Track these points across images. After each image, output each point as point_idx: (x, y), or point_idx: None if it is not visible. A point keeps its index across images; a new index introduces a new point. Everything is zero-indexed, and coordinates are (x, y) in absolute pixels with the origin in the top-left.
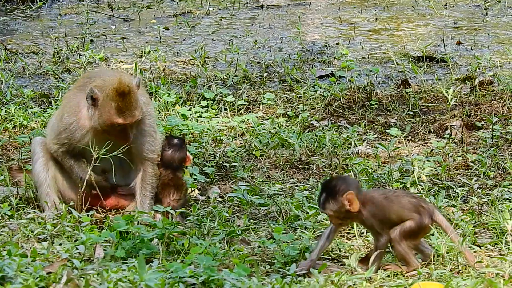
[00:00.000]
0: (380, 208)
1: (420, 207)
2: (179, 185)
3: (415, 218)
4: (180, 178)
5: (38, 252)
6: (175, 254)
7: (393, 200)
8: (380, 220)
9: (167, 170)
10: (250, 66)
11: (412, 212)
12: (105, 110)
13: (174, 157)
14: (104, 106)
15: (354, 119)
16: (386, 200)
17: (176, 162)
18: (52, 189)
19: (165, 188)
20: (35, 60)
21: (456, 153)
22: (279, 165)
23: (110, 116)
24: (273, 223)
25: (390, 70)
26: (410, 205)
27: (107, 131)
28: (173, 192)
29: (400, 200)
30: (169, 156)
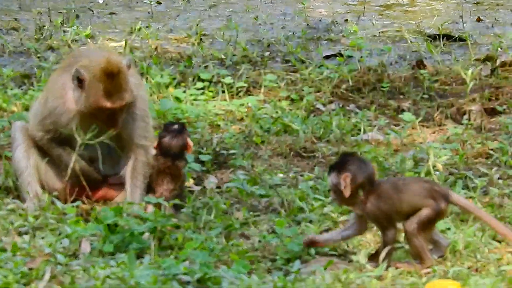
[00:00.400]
0: (387, 201)
1: (434, 191)
2: (176, 175)
3: (430, 204)
4: (179, 168)
5: (18, 246)
6: (168, 249)
7: (402, 189)
8: (387, 213)
9: (167, 158)
10: (251, 44)
11: (426, 198)
12: (92, 93)
13: (171, 144)
14: (91, 88)
15: (364, 103)
16: (394, 190)
17: (174, 149)
18: (34, 178)
19: (160, 176)
20: (15, 37)
21: (475, 140)
22: (282, 153)
23: (97, 99)
24: (275, 216)
25: (403, 50)
26: (423, 191)
27: (94, 115)
28: (168, 181)
29: (411, 187)
30: (166, 142)
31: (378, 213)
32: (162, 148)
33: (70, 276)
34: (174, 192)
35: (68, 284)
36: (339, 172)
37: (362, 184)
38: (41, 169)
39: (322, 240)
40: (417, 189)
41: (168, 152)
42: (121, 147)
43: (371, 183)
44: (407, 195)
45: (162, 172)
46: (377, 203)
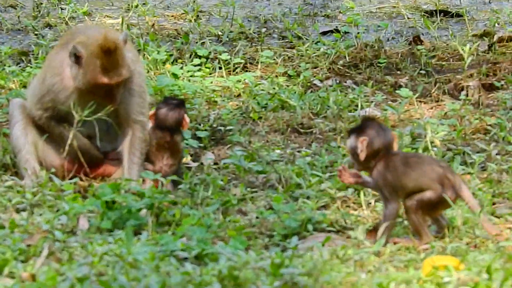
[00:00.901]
0: (394, 173)
1: (445, 179)
2: (175, 151)
3: (436, 189)
4: (177, 143)
5: (16, 223)
6: (166, 225)
7: (412, 166)
8: (391, 186)
9: (164, 132)
10: (247, 21)
11: (434, 182)
12: (90, 69)
13: (167, 116)
14: (88, 64)
15: (361, 79)
16: (404, 165)
17: (170, 122)
18: (32, 155)
19: (159, 150)
20: (13, 14)
21: (472, 116)
22: (279, 129)
23: (95, 75)
24: (272, 192)
25: (400, 26)
26: (433, 174)
27: (92, 91)
28: (168, 157)
29: (423, 167)
30: (163, 114)
31: (381, 182)
32: (158, 120)
33: (68, 253)
34: (173, 167)
35: (66, 260)
36: (357, 136)
37: (378, 150)
38: (39, 146)
39: (361, 180)
40: (427, 170)
41: (164, 125)
42: (119, 123)
43: (388, 151)
44: (416, 173)
45: (162, 147)
46: (383, 172)
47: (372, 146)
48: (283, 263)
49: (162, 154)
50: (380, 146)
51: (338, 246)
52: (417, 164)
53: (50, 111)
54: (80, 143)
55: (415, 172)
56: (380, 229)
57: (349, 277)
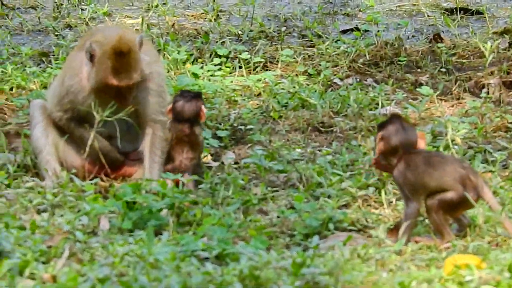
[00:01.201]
0: (415, 172)
1: (467, 179)
2: (195, 143)
3: (458, 189)
4: (196, 135)
5: (37, 224)
6: (187, 225)
7: (435, 165)
8: (412, 185)
9: (183, 124)
10: (267, 20)
11: (456, 182)
12: (101, 69)
13: (184, 108)
14: (100, 63)
15: (381, 77)
16: (426, 164)
17: (187, 114)
18: (53, 156)
19: (179, 144)
20: (33, 15)
21: (493, 113)
22: (299, 127)
23: (105, 76)
24: (293, 191)
25: (420, 23)
26: (456, 175)
27: (104, 91)
28: (188, 150)
29: (445, 167)
30: (180, 106)
31: (402, 181)
32: (175, 113)
33: (89, 254)
34: (194, 161)
35: (87, 261)
36: (378, 131)
37: (396, 148)
38: (60, 147)
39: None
40: (450, 171)
41: (182, 117)
42: (139, 123)
43: (409, 149)
44: (438, 172)
45: (181, 140)
46: (404, 171)
47: (389, 143)
48: (304, 262)
49: (182, 148)
50: (397, 144)
51: (359, 245)
52: (439, 163)
53: (70, 112)
54: (101, 144)
55: (437, 172)
56: (401, 228)
57: (371, 276)
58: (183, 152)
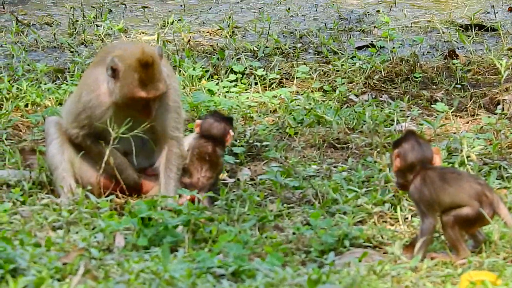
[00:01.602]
0: (431, 188)
1: (484, 196)
2: (215, 163)
3: (474, 206)
4: (218, 155)
5: (53, 241)
6: (202, 242)
7: (450, 181)
8: (428, 201)
9: (207, 141)
10: (283, 36)
11: (472, 199)
12: (127, 82)
13: (212, 126)
14: (125, 77)
15: (397, 94)
16: (441, 180)
17: (214, 132)
18: (68, 172)
19: (199, 161)
20: (48, 32)
21: (508, 130)
22: (315, 144)
23: (132, 89)
24: (309, 208)
25: (435, 40)
26: (471, 191)
27: (128, 106)
28: (207, 169)
29: (461, 183)
30: (208, 124)
31: (418, 197)
32: (203, 129)
33: (104, 271)
34: (211, 180)
35: (102, 278)
36: (393, 148)
37: (412, 165)
38: (75, 164)
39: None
40: (466, 187)
41: (208, 134)
42: (155, 139)
43: (425, 166)
44: (454, 189)
45: (202, 158)
46: (420, 187)
47: (405, 160)
48: (320, 279)
49: (201, 165)
50: (413, 161)
51: (375, 262)
52: (455, 180)
53: (86, 129)
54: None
55: (452, 188)
56: (417, 244)
57: None
58: (201, 170)
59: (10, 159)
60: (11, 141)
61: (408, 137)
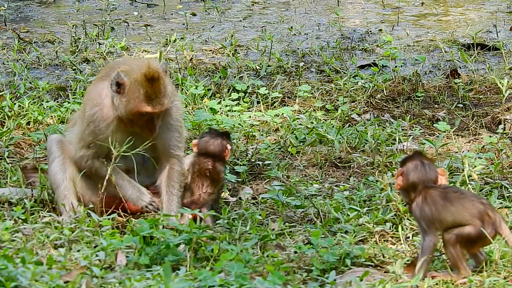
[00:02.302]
0: (432, 206)
1: (486, 215)
2: (216, 179)
3: (476, 225)
4: (218, 171)
5: (54, 259)
6: (204, 260)
7: (452, 200)
8: (429, 219)
9: (207, 158)
10: (285, 55)
11: (474, 218)
12: (133, 97)
13: (209, 143)
14: (131, 92)
15: (399, 113)
16: (443, 199)
17: (212, 149)
18: (70, 191)
19: (200, 178)
20: (51, 49)
21: (510, 149)
22: (317, 163)
23: (138, 104)
24: (310, 227)
25: (437, 59)
26: (474, 210)
27: (132, 120)
28: (208, 185)
29: (464, 202)
30: (205, 141)
31: (419, 214)
32: (200, 147)
33: None
34: (212, 196)
35: None
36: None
37: (415, 184)
38: (77, 182)
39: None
40: (468, 206)
41: (206, 151)
42: (156, 157)
43: (426, 185)
44: (456, 208)
45: (203, 174)
46: (421, 205)
47: (408, 179)
48: None
49: (202, 182)
50: (416, 181)
51: (377, 281)
52: (457, 199)
53: (93, 147)
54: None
55: (454, 207)
56: (418, 263)
57: None
58: (203, 186)
59: (12, 177)
60: (13, 159)
61: (414, 157)
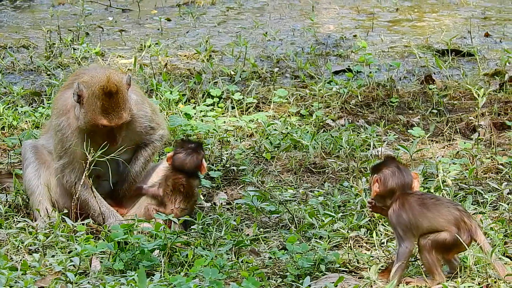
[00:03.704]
0: (409, 212)
1: (462, 222)
2: (190, 194)
3: (452, 231)
4: (192, 187)
5: (29, 264)
6: (178, 266)
7: (429, 206)
8: (405, 225)
9: (181, 173)
10: (260, 60)
11: (450, 224)
12: (90, 109)
13: (186, 161)
14: (89, 104)
15: (373, 118)
16: (420, 205)
17: (188, 167)
18: (45, 196)
19: (174, 193)
20: (25, 54)
21: (484, 155)
22: (292, 168)
23: (95, 116)
24: (285, 232)
25: (412, 65)
26: (450, 217)
27: (93, 131)
28: (181, 200)
29: (440, 208)
30: (181, 159)
31: (396, 221)
32: (175, 164)
33: None
34: (185, 212)
35: None
36: (373, 174)
37: (393, 190)
38: (52, 187)
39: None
40: (444, 212)
41: (182, 169)
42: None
43: (404, 191)
44: (432, 214)
45: (177, 189)
46: (398, 211)
47: (385, 185)
48: None
49: (175, 197)
50: (394, 186)
51: (351, 286)
52: (434, 205)
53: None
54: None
55: (431, 213)
56: (393, 269)
57: None
58: (176, 201)
59: None
60: None
61: (388, 162)
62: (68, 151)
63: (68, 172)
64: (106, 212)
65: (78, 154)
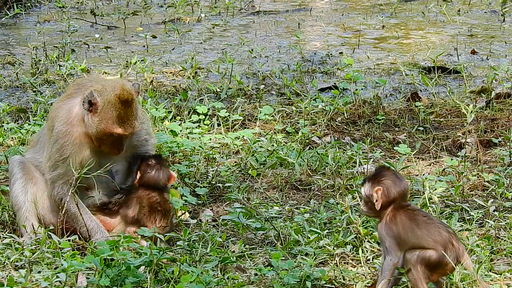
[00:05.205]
0: (399, 226)
1: (450, 244)
2: (167, 210)
3: (439, 250)
4: (167, 201)
5: (15, 280)
6: (164, 282)
7: (420, 224)
8: (394, 238)
9: (154, 191)
10: (246, 77)
11: (438, 244)
12: (105, 117)
13: (159, 177)
14: (104, 113)
15: (359, 136)
16: (411, 220)
17: (162, 182)
18: (31, 213)
19: (152, 213)
20: (11, 71)
21: (470, 172)
22: (277, 185)
23: (110, 125)
24: (271, 249)
25: (398, 82)
26: (438, 237)
27: (101, 139)
28: (160, 218)
29: (430, 228)
30: (152, 177)
31: (385, 233)
32: (150, 183)
33: None
34: (166, 229)
35: None
36: (373, 184)
37: (394, 199)
38: (38, 203)
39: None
40: (434, 232)
41: (157, 186)
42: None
43: (403, 200)
44: (421, 231)
45: (154, 209)
46: (389, 224)
47: (389, 196)
48: None
49: (155, 217)
50: (396, 196)
51: None
52: (424, 223)
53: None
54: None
55: (420, 231)
56: (378, 284)
57: None
58: (156, 221)
59: None
60: None
61: (385, 172)
62: (66, 160)
63: (61, 183)
64: (95, 227)
65: (74, 164)
